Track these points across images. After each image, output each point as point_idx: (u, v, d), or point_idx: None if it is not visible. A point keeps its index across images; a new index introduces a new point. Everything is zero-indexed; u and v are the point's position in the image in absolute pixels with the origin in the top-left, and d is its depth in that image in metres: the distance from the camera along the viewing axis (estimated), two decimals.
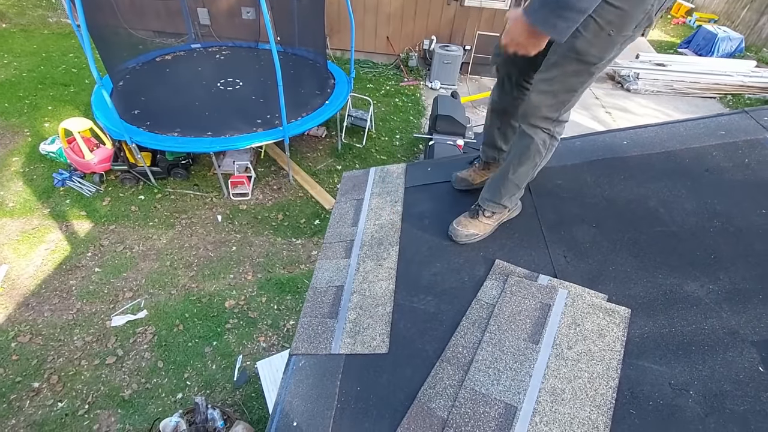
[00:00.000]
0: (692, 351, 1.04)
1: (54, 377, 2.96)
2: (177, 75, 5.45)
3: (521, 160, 1.33)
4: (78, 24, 3.65)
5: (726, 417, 0.92)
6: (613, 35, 1.05)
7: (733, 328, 1.06)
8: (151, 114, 4.51)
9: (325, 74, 5.60)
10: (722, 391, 0.96)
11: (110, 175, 4.68)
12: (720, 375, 0.99)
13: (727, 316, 1.09)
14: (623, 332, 1.11)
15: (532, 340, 1.13)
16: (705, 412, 0.94)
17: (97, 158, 4.39)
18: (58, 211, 4.27)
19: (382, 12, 7.40)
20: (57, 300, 3.48)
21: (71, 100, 5.91)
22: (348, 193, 1.90)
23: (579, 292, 1.22)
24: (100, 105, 4.41)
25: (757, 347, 1.02)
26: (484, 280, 1.33)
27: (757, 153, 1.54)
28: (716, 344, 1.04)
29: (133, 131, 4.21)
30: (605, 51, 1.09)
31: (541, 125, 1.26)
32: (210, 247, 4.07)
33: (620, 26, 1.04)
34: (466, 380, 1.08)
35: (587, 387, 1.01)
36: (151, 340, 3.27)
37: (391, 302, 1.34)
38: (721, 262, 1.21)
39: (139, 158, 4.36)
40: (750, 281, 1.15)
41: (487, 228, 1.46)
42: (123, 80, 5.07)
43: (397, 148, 5.67)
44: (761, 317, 1.07)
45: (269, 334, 3.37)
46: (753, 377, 0.98)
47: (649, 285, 1.20)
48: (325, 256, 1.61)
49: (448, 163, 1.92)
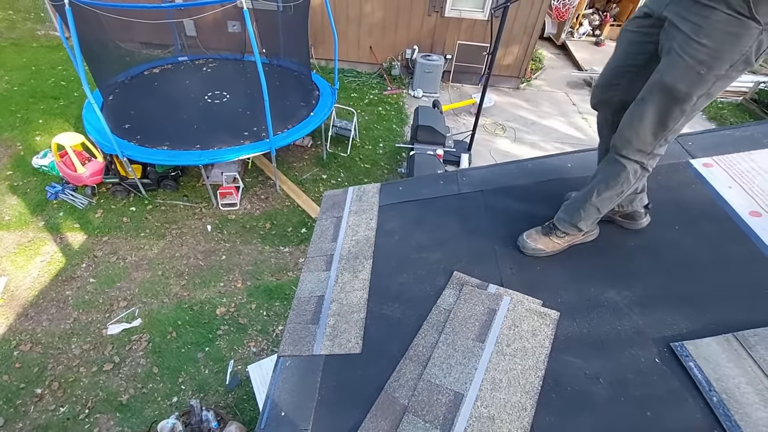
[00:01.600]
0: (605, 347, 1.28)
1: (55, 384, 3.11)
2: (165, 88, 5.59)
3: (608, 185, 1.33)
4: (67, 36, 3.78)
5: (626, 399, 1.16)
6: (703, 74, 1.03)
7: (640, 328, 1.31)
8: (141, 128, 4.66)
9: (309, 85, 5.80)
10: (626, 379, 1.20)
11: (102, 187, 4.80)
12: (625, 366, 1.23)
13: (636, 318, 1.34)
14: (552, 332, 1.34)
15: (479, 340, 1.36)
16: (610, 396, 1.18)
17: (88, 171, 4.51)
18: (52, 224, 4.39)
19: (364, 23, 7.63)
20: (54, 310, 3.61)
21: (61, 113, 6.00)
22: (329, 211, 2.11)
23: (520, 299, 1.45)
24: (92, 119, 4.53)
25: (657, 343, 1.27)
26: (444, 289, 1.56)
27: (678, 175, 1.80)
28: (625, 341, 1.29)
29: (124, 145, 4.35)
30: (694, 88, 1.06)
31: (632, 157, 1.26)
32: (200, 256, 4.23)
33: (711, 65, 1.01)
34: (424, 374, 1.30)
35: (520, 377, 1.25)
36: (146, 347, 3.43)
37: (364, 309, 1.56)
38: (636, 273, 1.46)
39: (130, 171, 4.50)
40: (657, 288, 1.40)
41: (556, 247, 1.49)
42: (113, 94, 5.19)
43: (380, 157, 5.90)
44: (662, 319, 1.32)
45: (259, 339, 3.55)
46: (651, 368, 1.22)
47: (576, 292, 1.44)
48: (308, 269, 1.82)
49: (417, 183, 2.15)
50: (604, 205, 1.37)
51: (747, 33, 0.97)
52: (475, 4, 7.38)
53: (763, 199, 1.56)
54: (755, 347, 1.16)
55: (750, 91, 8.54)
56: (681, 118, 1.15)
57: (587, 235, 1.50)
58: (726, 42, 0.99)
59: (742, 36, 0.98)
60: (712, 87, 1.07)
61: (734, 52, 0.99)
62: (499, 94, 7.88)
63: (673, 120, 1.15)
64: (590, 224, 1.44)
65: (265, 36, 6.33)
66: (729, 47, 0.99)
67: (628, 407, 1.14)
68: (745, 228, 1.49)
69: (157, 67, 6.08)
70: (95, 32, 4.63)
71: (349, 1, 7.35)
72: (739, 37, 0.98)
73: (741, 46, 0.98)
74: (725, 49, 0.99)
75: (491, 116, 7.12)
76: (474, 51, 7.66)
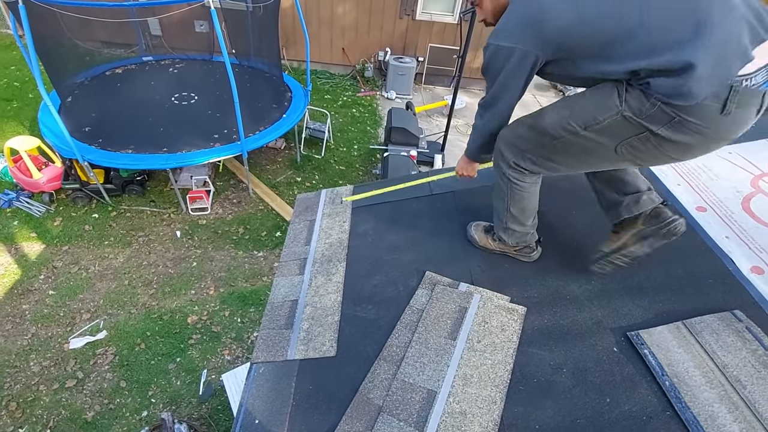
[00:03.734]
0: (568, 338, 1.35)
1: (12, 404, 2.93)
2: (129, 89, 5.38)
3: (494, 196, 1.53)
4: (21, 35, 3.58)
5: (587, 386, 1.23)
6: (564, 122, 1.17)
7: (599, 319, 1.39)
8: (103, 131, 4.47)
9: (281, 87, 5.73)
10: (586, 368, 1.27)
11: (61, 194, 4.56)
12: (586, 355, 1.30)
13: (595, 309, 1.41)
14: (519, 326, 1.40)
15: (451, 337, 1.40)
16: (573, 384, 1.24)
17: (46, 177, 4.28)
18: (5, 234, 4.13)
19: (336, 24, 7.62)
20: (10, 326, 3.40)
21: (15, 115, 5.66)
22: (301, 215, 2.11)
23: (489, 296, 1.50)
24: (48, 122, 4.31)
25: (614, 333, 1.34)
26: (416, 289, 1.59)
27: None
28: (585, 332, 1.36)
29: (84, 149, 4.15)
30: (555, 129, 1.20)
31: (498, 166, 1.43)
32: (169, 263, 4.10)
33: (573, 118, 1.16)
34: (398, 373, 1.33)
35: (490, 372, 1.29)
36: (113, 360, 3.29)
37: (338, 312, 1.57)
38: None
39: (92, 176, 4.31)
40: (613, 281, 1.48)
41: (488, 246, 1.62)
42: (71, 96, 4.95)
43: (355, 158, 5.90)
44: (618, 309, 1.40)
45: (233, 347, 3.48)
46: (608, 356, 1.29)
47: (541, 287, 1.51)
48: (281, 273, 1.81)
49: (390, 185, 2.18)
50: (500, 216, 1.49)
51: (609, 108, 1.08)
52: (445, 8, 7.52)
53: (707, 195, 1.69)
54: (701, 333, 1.26)
55: None
56: (532, 147, 1.28)
57: (521, 252, 1.56)
58: (590, 107, 1.11)
59: (605, 108, 1.08)
60: (566, 139, 1.18)
61: (592, 116, 1.11)
62: (470, 95, 8.05)
63: (526, 143, 1.29)
64: (511, 237, 1.52)
65: (235, 36, 6.21)
66: (591, 112, 1.11)
67: (589, 394, 1.21)
68: (692, 222, 1.61)
69: (120, 68, 5.85)
70: (51, 30, 4.39)
71: (321, 2, 7.32)
72: (602, 108, 1.09)
73: (599, 115, 1.09)
74: (588, 112, 1.12)
75: (463, 117, 7.27)
76: (445, 54, 7.80)
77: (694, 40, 0.91)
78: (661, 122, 1.01)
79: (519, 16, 1.11)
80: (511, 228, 1.50)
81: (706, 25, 0.91)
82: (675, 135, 1.02)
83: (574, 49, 1.07)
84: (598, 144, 1.14)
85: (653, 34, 0.96)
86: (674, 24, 0.95)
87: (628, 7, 0.98)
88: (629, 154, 1.13)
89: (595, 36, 1.02)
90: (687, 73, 0.92)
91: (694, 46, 0.91)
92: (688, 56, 0.91)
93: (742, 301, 1.34)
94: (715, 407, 1.10)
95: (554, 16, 1.04)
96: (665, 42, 0.95)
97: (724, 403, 1.10)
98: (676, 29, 0.94)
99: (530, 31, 1.08)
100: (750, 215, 1.58)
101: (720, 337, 1.24)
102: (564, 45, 1.07)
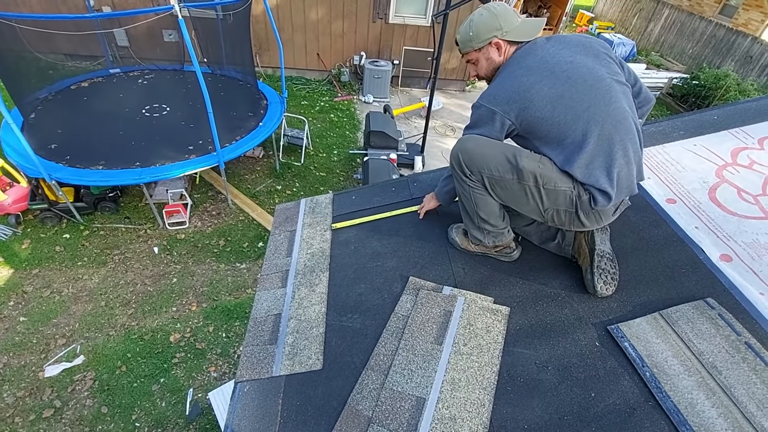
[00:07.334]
0: (551, 336, 1.37)
1: None
2: (97, 103, 5.21)
3: (459, 200, 1.59)
4: None
5: (572, 382, 1.25)
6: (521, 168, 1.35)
7: (580, 315, 1.41)
8: (71, 147, 4.30)
9: (257, 95, 5.66)
10: (571, 364, 1.29)
11: (28, 215, 4.37)
12: (569, 352, 1.32)
13: (576, 305, 1.44)
14: (504, 327, 1.41)
15: (437, 342, 1.40)
16: (558, 381, 1.26)
17: (11, 198, 4.09)
18: None
19: (310, 30, 7.58)
20: None
21: None
22: (282, 225, 2.07)
23: (473, 298, 1.51)
24: (11, 141, 4.12)
25: (596, 328, 1.37)
26: (401, 295, 1.58)
27: None
28: (568, 328, 1.38)
29: (50, 167, 3.99)
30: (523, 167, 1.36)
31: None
32: (148, 281, 3.97)
33: (529, 170, 1.35)
34: (386, 382, 1.32)
35: (477, 374, 1.30)
36: (92, 385, 3.16)
37: (323, 323, 1.55)
38: (573, 262, 1.57)
39: (61, 195, 4.14)
40: None
41: (469, 248, 1.66)
42: (35, 112, 4.75)
43: (335, 164, 5.87)
44: (598, 304, 1.43)
45: (219, 363, 3.40)
46: (591, 351, 1.32)
47: (524, 286, 1.53)
48: (263, 287, 1.77)
49: (371, 191, 2.17)
50: (472, 218, 1.54)
51: (566, 182, 1.33)
52: (417, 11, 7.59)
53: (676, 188, 1.75)
54: (677, 322, 1.30)
55: (665, 86, 9.48)
56: (496, 173, 1.40)
57: (501, 252, 1.61)
58: (556, 173, 1.34)
59: (564, 180, 1.34)
60: (525, 184, 1.37)
61: (554, 181, 1.34)
62: (446, 96, 8.14)
63: (494, 169, 1.40)
64: (486, 238, 1.55)
65: (206, 45, 6.09)
66: (555, 178, 1.33)
67: (574, 390, 1.23)
68: (663, 214, 1.66)
69: (86, 81, 5.65)
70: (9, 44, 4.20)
71: (293, 8, 7.27)
72: (563, 179, 1.34)
73: (560, 183, 1.33)
74: (553, 175, 1.34)
75: (441, 118, 7.34)
76: (420, 56, 7.86)
77: (611, 183, 1.32)
78: (586, 211, 1.37)
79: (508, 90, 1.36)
80: (484, 228, 1.53)
81: (620, 176, 1.32)
82: (586, 219, 1.39)
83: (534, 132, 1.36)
84: (539, 199, 1.38)
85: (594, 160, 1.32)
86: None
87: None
88: (550, 218, 1.43)
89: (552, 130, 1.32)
90: (608, 196, 1.33)
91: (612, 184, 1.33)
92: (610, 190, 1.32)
93: (714, 289, 1.39)
94: (694, 394, 1.13)
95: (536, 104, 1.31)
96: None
97: (702, 389, 1.14)
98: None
99: (514, 105, 1.34)
100: (716, 205, 1.64)
101: (695, 326, 1.28)
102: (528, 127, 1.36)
